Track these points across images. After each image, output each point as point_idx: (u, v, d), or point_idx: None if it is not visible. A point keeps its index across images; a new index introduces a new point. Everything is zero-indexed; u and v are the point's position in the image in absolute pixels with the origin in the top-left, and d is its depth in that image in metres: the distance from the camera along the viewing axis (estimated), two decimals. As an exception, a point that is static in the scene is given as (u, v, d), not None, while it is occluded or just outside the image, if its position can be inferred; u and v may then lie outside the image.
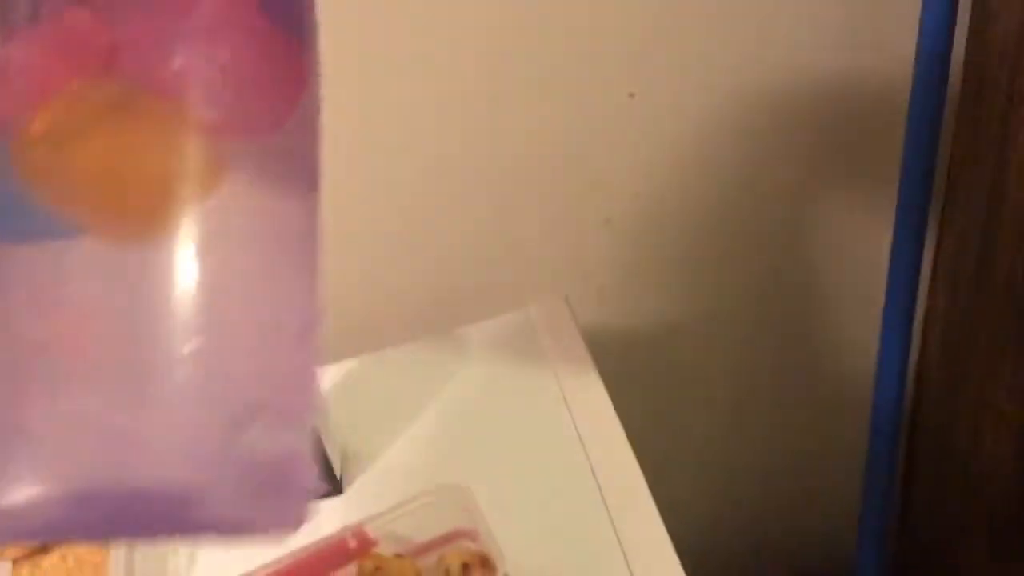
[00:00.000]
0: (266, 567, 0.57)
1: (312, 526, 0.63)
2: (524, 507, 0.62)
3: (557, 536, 0.61)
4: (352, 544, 0.58)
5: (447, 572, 0.56)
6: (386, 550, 0.58)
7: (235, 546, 0.26)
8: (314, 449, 0.64)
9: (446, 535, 0.59)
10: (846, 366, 1.07)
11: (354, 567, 0.57)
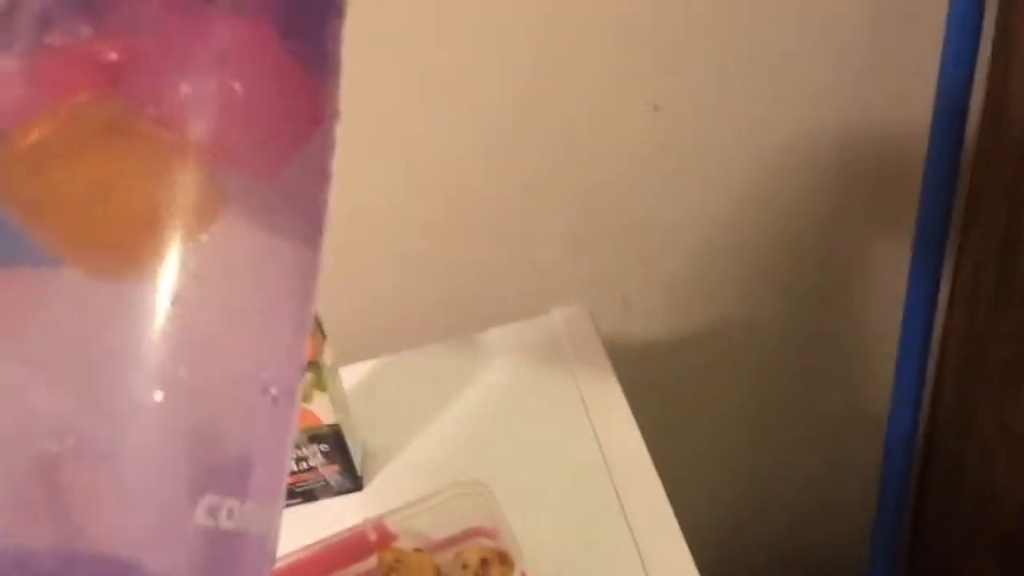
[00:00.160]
0: (287, 557, 0.58)
1: (333, 519, 0.64)
2: (541, 507, 0.63)
3: (574, 537, 0.61)
4: (372, 537, 0.59)
5: (465, 567, 0.56)
6: (405, 545, 0.59)
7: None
8: (337, 449, 0.65)
9: (465, 532, 0.59)
10: (864, 382, 1.08)
11: (374, 560, 0.58)
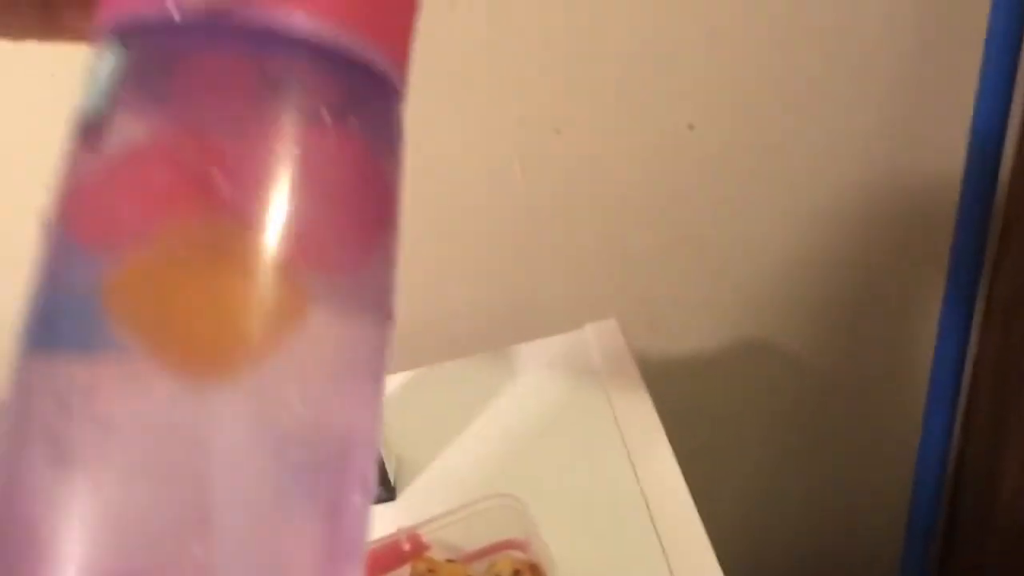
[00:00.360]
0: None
1: (366, 528, 0.65)
2: (572, 520, 0.63)
3: (605, 551, 0.61)
4: (406, 547, 0.59)
5: (498, 578, 0.57)
6: (437, 555, 0.59)
7: None
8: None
9: (497, 544, 0.59)
10: (894, 406, 1.07)
11: (407, 569, 0.58)
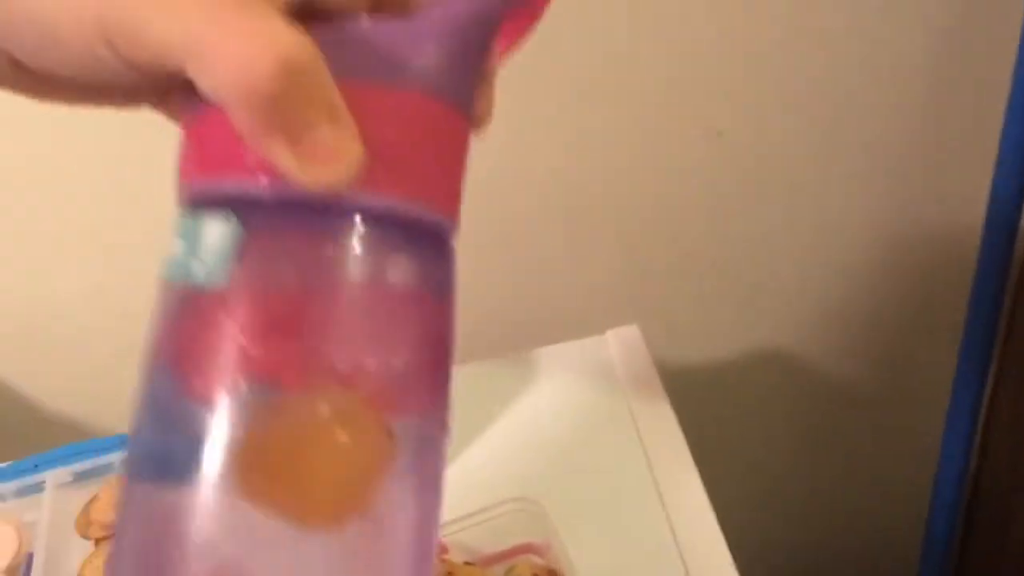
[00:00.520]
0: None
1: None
2: (591, 526, 0.63)
3: (623, 557, 0.61)
4: (424, 549, 0.59)
5: (516, 583, 0.56)
6: (455, 558, 0.59)
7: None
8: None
9: (515, 548, 0.59)
10: (911, 424, 1.06)
11: (425, 571, 0.58)
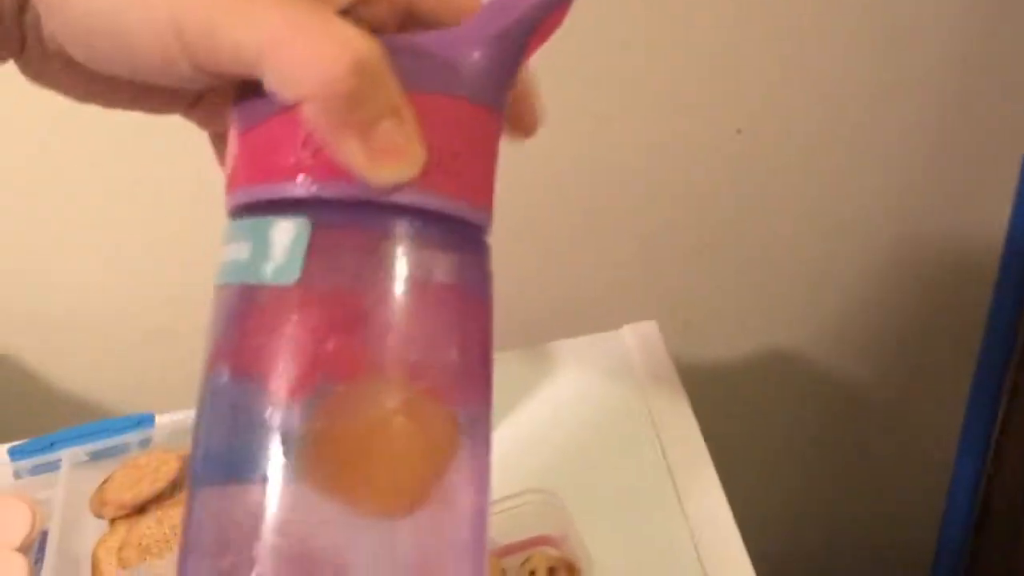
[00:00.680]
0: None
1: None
2: (607, 519, 0.63)
3: (638, 550, 0.61)
4: (440, 538, 0.59)
5: (532, 574, 0.56)
6: (471, 548, 0.59)
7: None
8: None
9: (531, 539, 0.59)
10: (926, 431, 1.06)
11: (440, 560, 0.58)
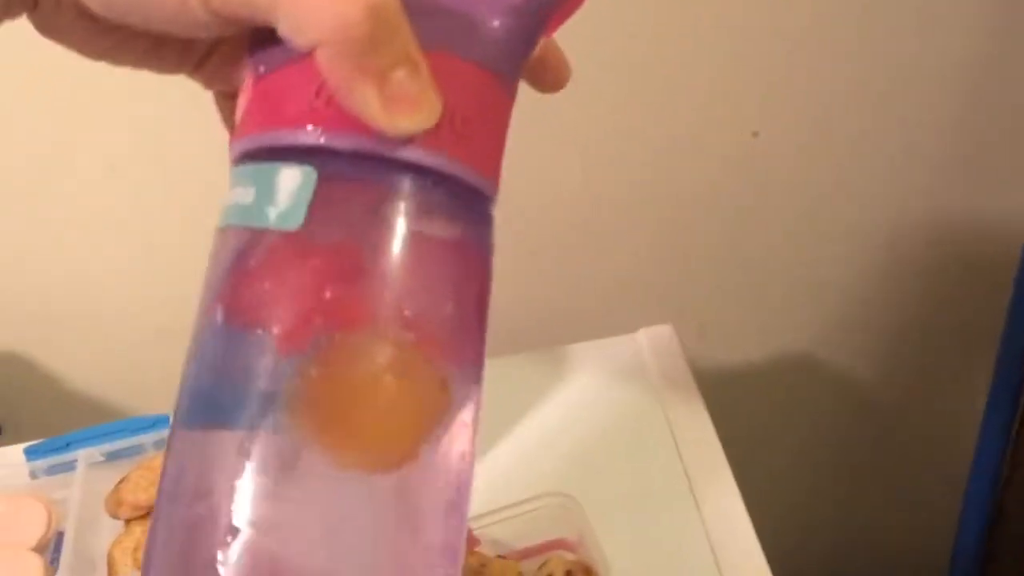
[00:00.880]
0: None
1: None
2: (623, 523, 0.62)
3: (656, 554, 0.61)
4: (456, 541, 0.58)
5: (549, 578, 0.56)
6: (488, 552, 0.59)
7: None
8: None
9: (548, 543, 0.59)
10: (942, 439, 1.05)
11: (457, 563, 0.57)
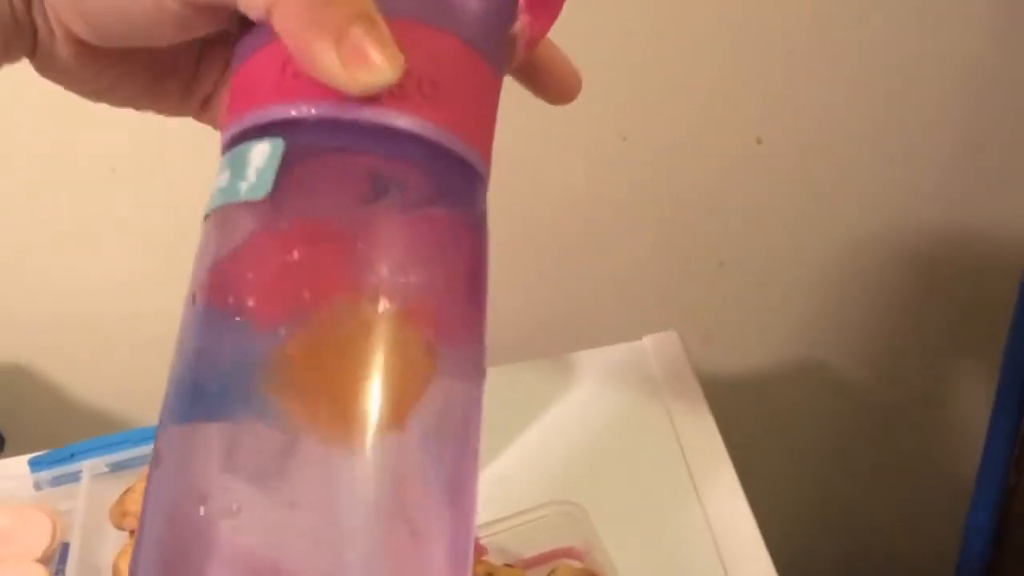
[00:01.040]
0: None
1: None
2: (630, 530, 0.62)
3: (663, 562, 0.61)
4: (463, 550, 0.58)
5: (557, 587, 0.56)
6: (495, 560, 0.59)
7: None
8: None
9: (554, 552, 0.59)
10: (949, 445, 1.05)
11: (465, 572, 0.57)
